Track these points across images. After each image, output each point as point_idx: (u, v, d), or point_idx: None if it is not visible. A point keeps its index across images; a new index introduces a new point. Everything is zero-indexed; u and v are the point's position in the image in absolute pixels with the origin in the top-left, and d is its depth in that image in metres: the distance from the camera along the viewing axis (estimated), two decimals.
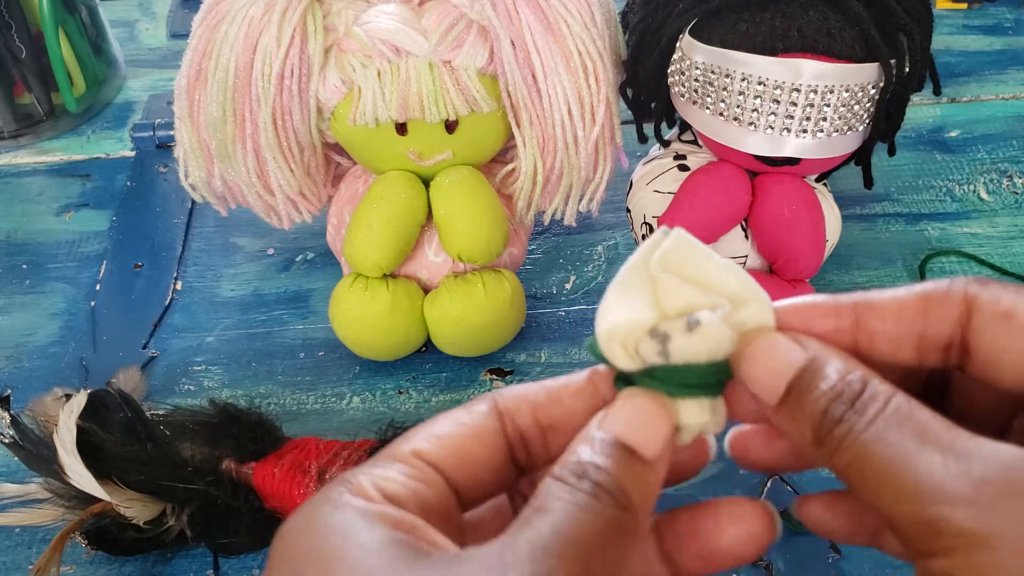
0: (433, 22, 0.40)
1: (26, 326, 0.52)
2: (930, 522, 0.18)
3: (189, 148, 0.44)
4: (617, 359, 0.23)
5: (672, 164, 0.46)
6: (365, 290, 0.44)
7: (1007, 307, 0.20)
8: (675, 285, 0.23)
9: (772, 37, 0.39)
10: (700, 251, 0.24)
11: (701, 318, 0.22)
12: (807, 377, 0.21)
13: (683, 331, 0.22)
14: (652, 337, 0.22)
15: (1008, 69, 0.68)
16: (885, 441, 0.19)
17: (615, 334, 0.23)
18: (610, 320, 0.23)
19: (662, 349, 0.22)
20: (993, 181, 0.59)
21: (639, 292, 0.23)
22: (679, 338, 0.22)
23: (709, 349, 0.22)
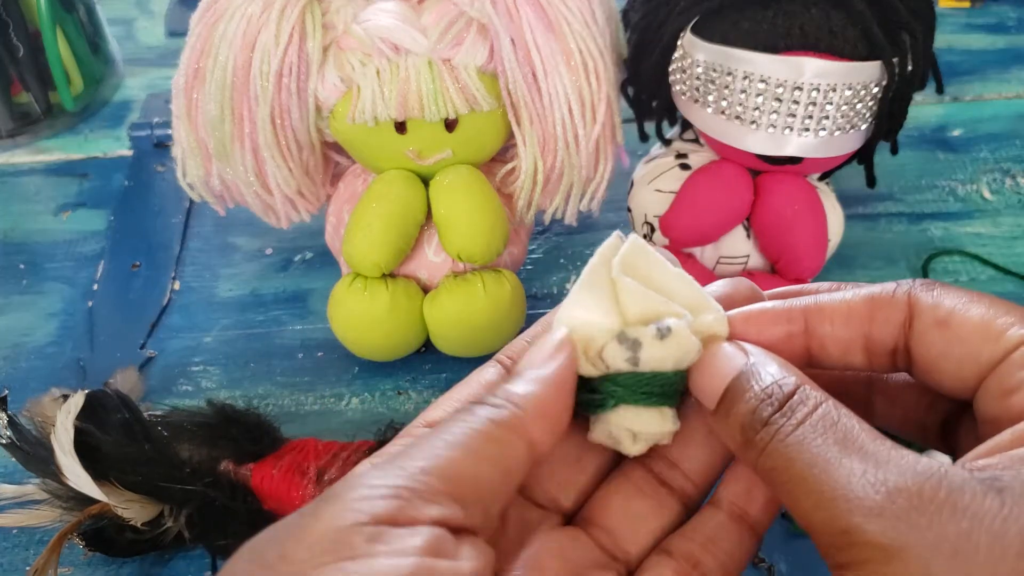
0: (432, 20, 0.40)
1: (23, 326, 0.52)
2: (844, 532, 0.18)
3: (187, 147, 0.44)
4: (579, 365, 0.22)
5: (674, 163, 0.46)
6: (364, 290, 0.44)
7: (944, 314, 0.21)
8: (637, 290, 0.22)
9: (774, 35, 0.39)
10: (656, 258, 0.23)
11: (671, 325, 0.22)
12: (742, 381, 0.21)
13: (654, 338, 0.22)
14: (621, 343, 0.22)
15: (1011, 68, 0.68)
16: (808, 446, 0.19)
17: (576, 337, 0.22)
18: (570, 322, 0.22)
19: (632, 356, 0.22)
20: (996, 181, 0.59)
21: (600, 295, 0.22)
22: (650, 345, 0.22)
23: (677, 358, 0.22)
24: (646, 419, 0.23)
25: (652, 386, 0.22)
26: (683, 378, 0.23)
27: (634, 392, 0.22)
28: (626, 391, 0.22)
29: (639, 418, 0.23)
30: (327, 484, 0.38)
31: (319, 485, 0.38)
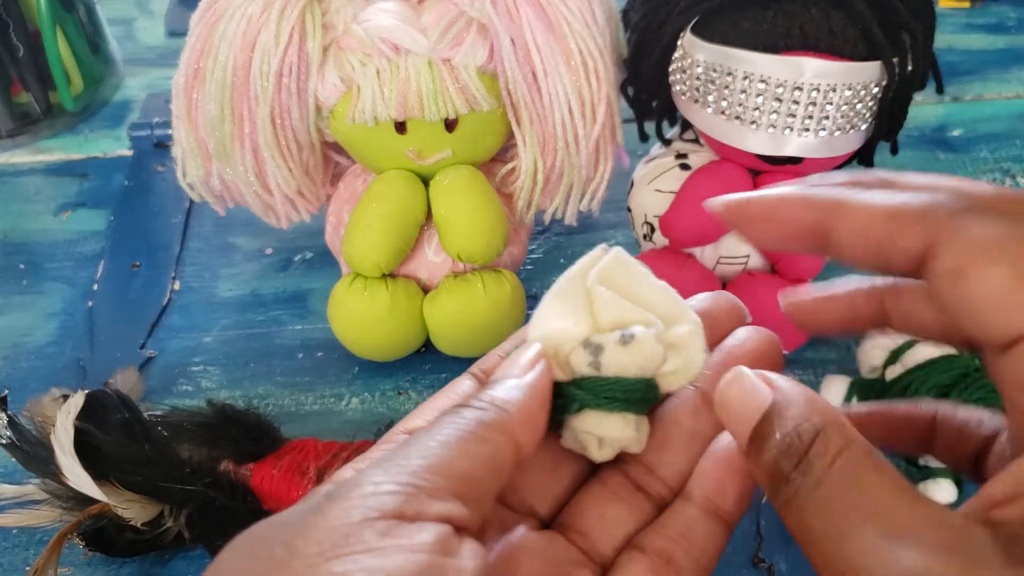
0: (432, 20, 0.40)
1: (23, 326, 0.52)
2: None
3: (187, 147, 0.44)
4: None
5: (674, 163, 0.46)
6: (364, 290, 0.44)
7: (963, 263, 0.18)
8: (610, 299, 0.23)
9: (774, 35, 0.39)
10: (637, 270, 0.24)
11: (636, 332, 0.22)
12: (766, 424, 0.20)
13: (617, 343, 0.22)
14: (585, 348, 0.23)
15: (1011, 68, 0.68)
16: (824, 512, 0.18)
17: (547, 344, 0.23)
18: (542, 330, 0.23)
19: (594, 360, 0.22)
20: (996, 180, 0.59)
21: (574, 304, 0.23)
22: (612, 350, 0.22)
23: (640, 364, 0.23)
24: (610, 424, 0.23)
25: (614, 391, 0.23)
26: (649, 386, 0.23)
27: (596, 396, 0.23)
28: (588, 395, 0.23)
29: (602, 423, 0.23)
30: None
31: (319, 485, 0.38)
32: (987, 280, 0.18)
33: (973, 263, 0.18)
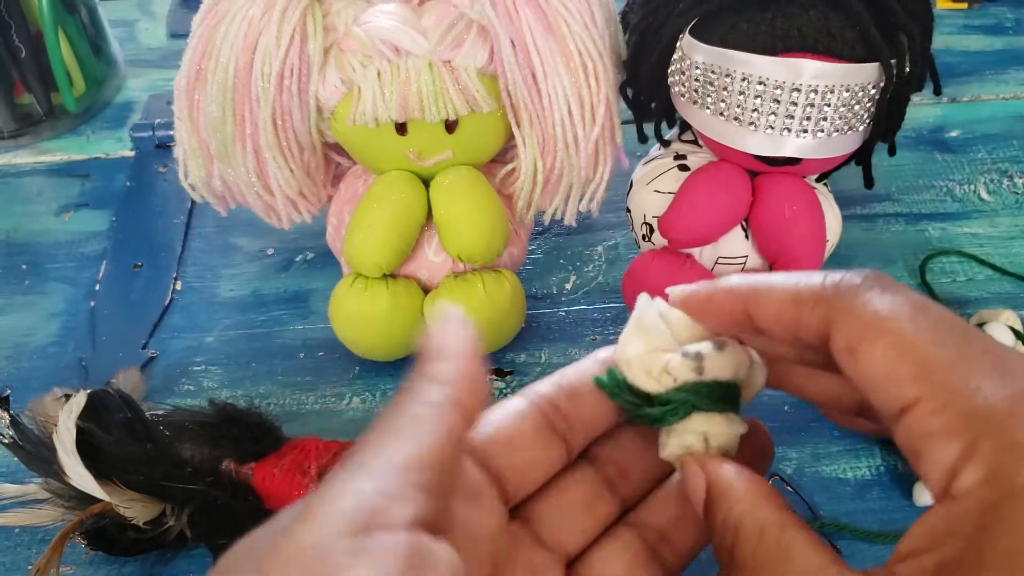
0: (433, 22, 0.40)
1: (25, 326, 0.52)
2: None
3: (189, 148, 0.44)
4: (641, 382, 0.25)
5: (672, 164, 0.46)
6: (365, 290, 0.44)
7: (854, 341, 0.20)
8: (685, 321, 0.25)
9: (772, 37, 0.39)
10: (678, 312, 0.26)
11: (726, 340, 0.25)
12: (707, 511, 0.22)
13: (714, 349, 0.25)
14: (685, 357, 0.25)
15: (1009, 69, 0.68)
16: None
17: (639, 361, 0.25)
18: (631, 351, 0.25)
19: (697, 365, 0.25)
20: (994, 181, 0.59)
21: (653, 327, 0.25)
22: (711, 356, 0.25)
23: (735, 367, 0.25)
24: (718, 424, 0.25)
25: (717, 392, 0.25)
26: (739, 389, 0.26)
27: (704, 398, 0.25)
28: (697, 397, 0.25)
29: (711, 422, 0.25)
30: None
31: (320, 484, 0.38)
32: (873, 356, 0.19)
33: (862, 340, 0.20)
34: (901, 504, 0.43)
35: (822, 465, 0.44)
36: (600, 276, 0.54)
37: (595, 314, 0.52)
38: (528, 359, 0.49)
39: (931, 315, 0.19)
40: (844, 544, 0.41)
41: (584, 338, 0.50)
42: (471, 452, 0.23)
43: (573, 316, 0.52)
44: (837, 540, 0.41)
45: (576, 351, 0.50)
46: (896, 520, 0.42)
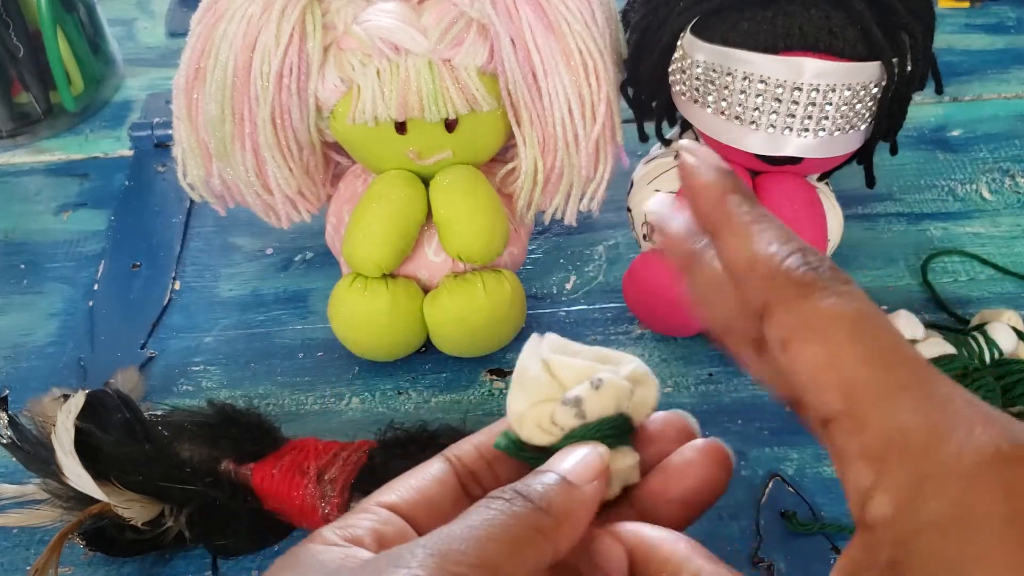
0: (433, 20, 0.40)
1: (24, 326, 0.52)
2: None
3: (187, 147, 0.44)
4: (535, 438, 0.25)
5: (673, 163, 0.46)
6: (364, 290, 0.44)
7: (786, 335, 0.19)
8: (566, 363, 0.26)
9: (773, 35, 0.39)
10: (573, 344, 0.27)
11: (603, 376, 0.25)
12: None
13: (591, 390, 0.25)
14: (565, 404, 0.25)
15: (1011, 68, 0.68)
16: None
17: (528, 416, 0.25)
18: (518, 408, 0.26)
19: (578, 411, 0.25)
20: (995, 180, 0.59)
21: (536, 381, 0.26)
22: (589, 397, 0.25)
23: (616, 401, 0.26)
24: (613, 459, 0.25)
25: (604, 430, 0.25)
26: (627, 419, 0.26)
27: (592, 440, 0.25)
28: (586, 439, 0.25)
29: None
30: (327, 484, 0.38)
31: (319, 485, 0.38)
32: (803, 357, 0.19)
33: (795, 338, 0.19)
34: None
35: (823, 466, 0.44)
36: (600, 276, 0.53)
37: (595, 314, 0.51)
38: None
39: (871, 328, 0.18)
40: (844, 544, 0.41)
41: (584, 338, 0.50)
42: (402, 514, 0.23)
43: (573, 316, 0.51)
44: (838, 541, 0.41)
45: None
46: None
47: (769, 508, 0.42)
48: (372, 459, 0.39)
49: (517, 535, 0.20)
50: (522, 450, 0.26)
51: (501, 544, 0.19)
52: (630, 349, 0.49)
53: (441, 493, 0.24)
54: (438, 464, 0.25)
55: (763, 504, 0.42)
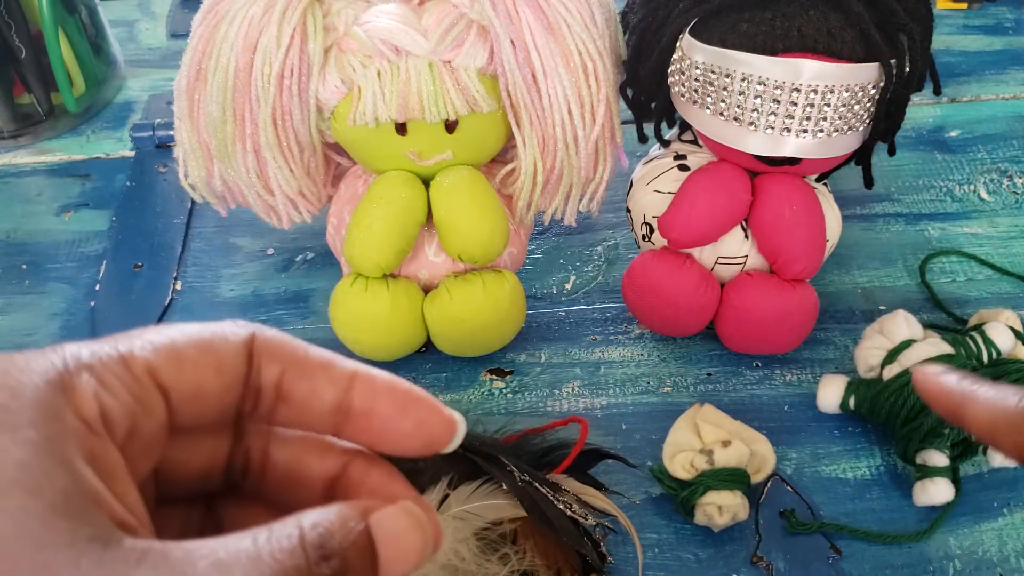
0: (433, 22, 0.40)
1: (25, 326, 0.52)
2: None
3: (189, 148, 0.44)
4: (678, 473, 0.41)
5: (672, 164, 0.46)
6: (365, 290, 0.44)
7: None
8: (710, 427, 0.41)
9: (772, 37, 0.39)
10: (722, 414, 0.43)
11: (732, 441, 0.41)
12: None
13: (721, 447, 0.41)
14: (702, 453, 0.40)
15: (1008, 69, 0.68)
16: None
17: (677, 459, 0.41)
18: (670, 452, 0.41)
19: (710, 459, 0.40)
20: (993, 181, 0.59)
21: (686, 433, 0.41)
22: (719, 451, 0.40)
23: (737, 458, 0.40)
24: (725, 496, 0.40)
25: (723, 476, 0.40)
26: (744, 474, 0.40)
27: (713, 479, 0.40)
28: (709, 479, 0.40)
29: (720, 496, 0.40)
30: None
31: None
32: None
33: None
34: (901, 504, 0.43)
35: (822, 465, 0.44)
36: (600, 276, 0.54)
37: (595, 314, 0.52)
38: (528, 359, 0.49)
39: None
40: (844, 544, 0.41)
41: (584, 338, 0.50)
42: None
43: (573, 316, 0.52)
44: (837, 540, 0.41)
45: (576, 351, 0.50)
46: (896, 520, 0.42)
47: (768, 507, 0.42)
48: None
49: None
50: (668, 479, 0.41)
51: None
52: (629, 349, 0.50)
53: (217, 393, 0.20)
54: (236, 359, 0.21)
55: (762, 503, 0.42)
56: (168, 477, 0.22)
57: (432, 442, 0.21)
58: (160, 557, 0.17)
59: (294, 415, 0.21)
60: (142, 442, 0.19)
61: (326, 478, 0.23)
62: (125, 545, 0.17)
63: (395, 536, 0.19)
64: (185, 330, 0.20)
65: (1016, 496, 0.43)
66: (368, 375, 0.22)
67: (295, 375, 0.21)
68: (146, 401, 0.19)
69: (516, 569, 0.36)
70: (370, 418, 0.21)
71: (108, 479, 0.18)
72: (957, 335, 0.44)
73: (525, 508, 0.37)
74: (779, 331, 0.46)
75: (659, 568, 0.41)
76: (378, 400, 0.21)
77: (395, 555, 0.19)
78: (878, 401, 0.43)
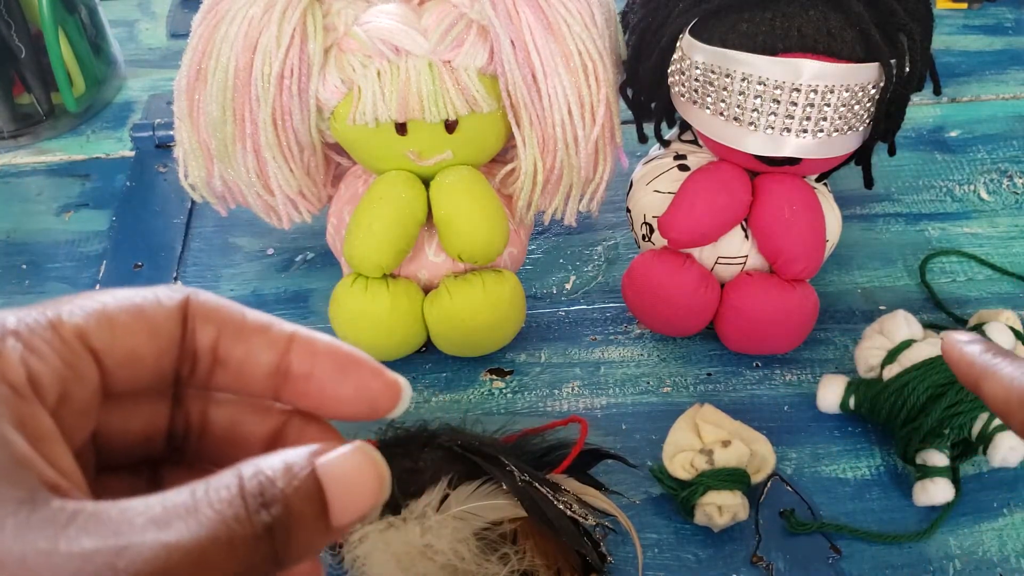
0: (433, 22, 0.40)
1: None
2: None
3: (189, 148, 0.44)
4: (678, 473, 0.40)
5: (672, 164, 0.46)
6: (365, 290, 0.44)
7: None
8: (710, 427, 0.41)
9: (772, 37, 0.39)
10: (722, 413, 0.42)
11: (732, 440, 0.41)
12: None
13: (721, 447, 0.40)
14: (702, 453, 0.40)
15: (1008, 69, 0.68)
16: None
17: (676, 459, 0.41)
18: (670, 452, 0.41)
19: (709, 459, 0.40)
20: (993, 181, 0.59)
21: (686, 433, 0.41)
22: (719, 451, 0.40)
23: (737, 458, 0.40)
24: (725, 497, 0.40)
25: (723, 476, 0.40)
26: (744, 474, 0.40)
27: (713, 479, 0.40)
28: (709, 479, 0.40)
29: (721, 496, 0.40)
30: None
31: None
32: None
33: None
34: (901, 504, 0.43)
35: (822, 465, 0.44)
36: (600, 276, 0.54)
37: (595, 314, 0.52)
38: (528, 359, 0.49)
39: None
40: (844, 544, 0.41)
41: (584, 338, 0.50)
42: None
43: (573, 316, 0.52)
44: (837, 540, 0.41)
45: (576, 350, 0.50)
46: (896, 520, 0.42)
47: (768, 507, 0.42)
48: None
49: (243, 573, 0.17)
50: (668, 479, 0.41)
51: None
52: (629, 348, 0.50)
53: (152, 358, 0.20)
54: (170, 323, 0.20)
55: (762, 503, 0.42)
56: (108, 443, 0.21)
57: (375, 407, 0.21)
58: (91, 517, 0.16)
59: (231, 379, 0.21)
60: (75, 407, 0.19)
61: (265, 438, 0.22)
62: (53, 506, 0.16)
63: (345, 477, 0.18)
64: (117, 295, 0.20)
65: (1016, 496, 0.43)
66: (307, 337, 0.21)
67: (231, 338, 0.21)
68: (77, 366, 0.19)
69: (516, 569, 0.36)
70: (308, 381, 0.21)
71: (38, 443, 0.17)
72: None
73: (525, 508, 0.37)
74: (779, 331, 0.46)
75: (659, 568, 0.41)
76: (317, 363, 0.21)
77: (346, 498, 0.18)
78: (878, 401, 0.43)
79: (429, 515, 0.37)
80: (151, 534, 0.16)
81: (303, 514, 0.18)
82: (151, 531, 0.16)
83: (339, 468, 0.18)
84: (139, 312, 0.20)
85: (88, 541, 0.16)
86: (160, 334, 0.20)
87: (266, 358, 0.21)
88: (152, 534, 0.16)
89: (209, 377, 0.21)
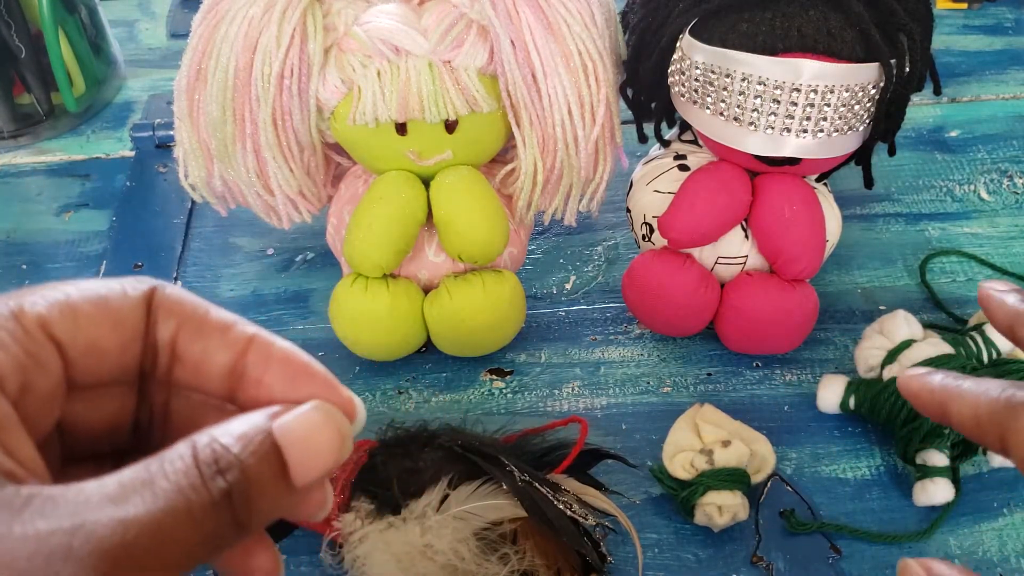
0: (433, 22, 0.40)
1: None
2: None
3: (189, 148, 0.44)
4: (678, 473, 0.40)
5: (672, 164, 0.46)
6: (365, 290, 0.44)
7: None
8: (710, 427, 0.41)
9: (772, 37, 0.39)
10: (722, 413, 0.42)
11: (732, 440, 0.41)
12: None
13: (721, 447, 0.40)
14: (702, 453, 0.40)
15: (1008, 69, 0.68)
16: None
17: (676, 459, 0.41)
18: (670, 452, 0.41)
19: (709, 459, 0.40)
20: (993, 181, 0.59)
21: (686, 433, 0.41)
22: (719, 451, 0.40)
23: (737, 458, 0.40)
24: (725, 497, 0.40)
25: (723, 476, 0.40)
26: (744, 474, 0.40)
27: (714, 479, 0.40)
28: (709, 479, 0.40)
29: (721, 496, 0.40)
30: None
31: None
32: None
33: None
34: (901, 504, 0.43)
35: (822, 465, 0.44)
36: (600, 276, 0.54)
37: (595, 314, 0.52)
38: (528, 359, 0.49)
39: None
40: (844, 544, 0.41)
41: (584, 338, 0.50)
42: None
43: (573, 316, 0.52)
44: (837, 540, 0.41)
45: (576, 351, 0.50)
46: (896, 520, 0.42)
47: (768, 507, 0.42)
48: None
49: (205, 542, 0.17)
50: (668, 479, 0.41)
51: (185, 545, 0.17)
52: (629, 349, 0.50)
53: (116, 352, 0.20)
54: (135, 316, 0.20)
55: (762, 503, 0.42)
56: (74, 434, 0.21)
57: None
58: (47, 500, 0.16)
59: (189, 376, 0.21)
60: (38, 397, 0.19)
61: None
62: (7, 492, 0.16)
63: (304, 437, 0.18)
64: (82, 285, 0.20)
65: (1016, 496, 0.43)
66: (265, 341, 0.21)
67: (190, 334, 0.21)
68: (38, 356, 0.19)
69: (516, 569, 0.36)
70: (259, 387, 0.21)
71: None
72: (957, 335, 0.44)
73: (525, 508, 0.37)
74: (779, 331, 0.46)
75: (659, 568, 0.41)
76: (269, 369, 0.21)
77: (305, 456, 0.18)
78: (878, 401, 0.43)
79: (429, 515, 0.37)
80: (107, 511, 0.16)
81: (261, 477, 0.18)
82: (107, 508, 0.16)
83: (297, 428, 0.18)
84: (103, 303, 0.20)
85: (43, 523, 0.16)
86: (124, 325, 0.20)
87: (222, 358, 0.21)
88: (108, 511, 0.16)
89: (169, 373, 0.21)
